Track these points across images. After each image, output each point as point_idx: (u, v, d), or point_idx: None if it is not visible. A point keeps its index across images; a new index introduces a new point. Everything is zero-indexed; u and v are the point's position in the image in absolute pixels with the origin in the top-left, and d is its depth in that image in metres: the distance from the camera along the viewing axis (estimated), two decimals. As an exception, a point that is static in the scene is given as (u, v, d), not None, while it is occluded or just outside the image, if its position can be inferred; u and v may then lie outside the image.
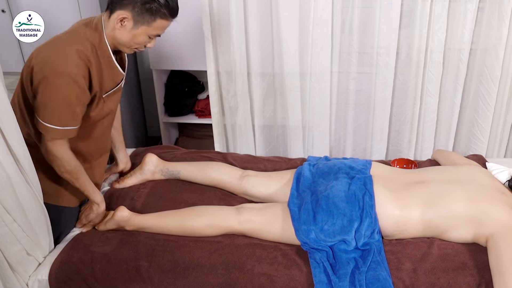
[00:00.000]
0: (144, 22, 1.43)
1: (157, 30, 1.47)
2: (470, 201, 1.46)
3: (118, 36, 1.47)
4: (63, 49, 1.40)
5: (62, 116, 1.41)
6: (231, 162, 2.01)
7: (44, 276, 1.48)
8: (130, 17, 1.42)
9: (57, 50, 1.40)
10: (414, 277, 1.39)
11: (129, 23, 1.44)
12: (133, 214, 1.61)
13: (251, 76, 2.27)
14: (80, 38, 1.45)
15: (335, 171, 1.67)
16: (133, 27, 1.44)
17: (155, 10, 1.42)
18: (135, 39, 1.47)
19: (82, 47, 1.42)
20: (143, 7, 1.41)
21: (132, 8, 1.41)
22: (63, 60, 1.38)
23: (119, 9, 1.43)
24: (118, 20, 1.43)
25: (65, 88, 1.39)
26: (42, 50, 1.43)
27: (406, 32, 2.13)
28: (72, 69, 1.38)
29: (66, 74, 1.37)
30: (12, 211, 1.35)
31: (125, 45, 1.50)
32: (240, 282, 1.41)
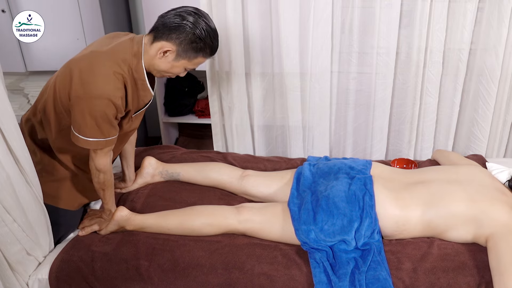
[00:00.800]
0: (185, 57, 1.46)
1: (194, 65, 1.51)
2: (470, 201, 1.46)
3: (157, 64, 1.48)
4: (102, 69, 1.40)
5: (103, 129, 1.43)
6: (231, 162, 2.01)
7: (44, 276, 1.48)
8: (174, 50, 1.44)
9: (96, 70, 1.39)
10: (414, 277, 1.39)
11: (171, 56, 1.46)
12: (133, 214, 1.61)
13: (251, 76, 2.27)
14: (119, 59, 1.44)
15: (335, 171, 1.67)
16: (174, 60, 1.47)
17: (200, 49, 1.44)
18: (172, 69, 1.50)
19: (120, 69, 1.43)
20: (189, 45, 1.43)
21: (178, 43, 1.43)
22: (102, 82, 1.39)
23: (164, 40, 1.43)
24: (161, 52, 1.44)
25: (104, 108, 1.40)
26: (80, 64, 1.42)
27: (406, 32, 2.13)
28: (111, 91, 1.40)
29: (105, 96, 1.38)
30: (12, 211, 1.35)
31: (160, 72, 1.52)
32: (240, 282, 1.41)
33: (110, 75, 1.40)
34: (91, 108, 1.39)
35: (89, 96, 1.38)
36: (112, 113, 1.43)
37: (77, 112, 1.40)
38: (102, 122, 1.42)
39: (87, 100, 1.38)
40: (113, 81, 1.40)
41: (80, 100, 1.39)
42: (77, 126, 1.43)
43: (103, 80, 1.39)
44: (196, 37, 1.42)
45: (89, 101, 1.38)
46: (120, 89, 1.42)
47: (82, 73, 1.39)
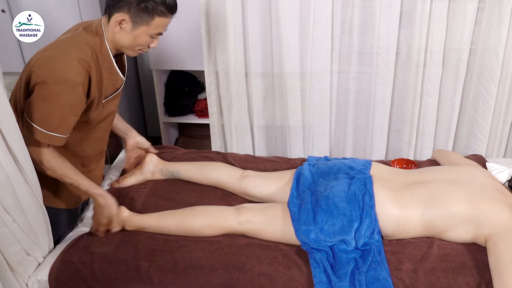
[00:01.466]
0: (142, 22, 1.41)
1: (157, 29, 1.44)
2: (469, 201, 1.46)
3: (119, 39, 1.45)
4: (63, 55, 1.38)
5: (53, 120, 1.38)
6: (231, 162, 2.01)
7: (44, 277, 1.48)
8: (128, 18, 1.40)
9: (57, 56, 1.37)
10: (414, 277, 1.39)
11: (128, 25, 1.41)
12: (133, 214, 1.61)
13: (251, 76, 2.27)
14: (80, 43, 1.42)
15: (335, 171, 1.67)
16: (132, 29, 1.42)
17: (152, 9, 1.39)
18: (136, 40, 1.44)
19: (82, 53, 1.39)
20: (138, 7, 1.38)
21: (128, 10, 1.39)
22: (63, 67, 1.36)
23: (116, 12, 1.40)
24: (116, 23, 1.41)
25: (61, 94, 1.36)
26: (42, 53, 1.41)
27: (406, 32, 2.13)
28: (71, 76, 1.36)
29: (64, 81, 1.35)
30: (11, 211, 1.35)
31: (128, 48, 1.48)
32: (240, 282, 1.41)
33: (73, 59, 1.36)
34: (49, 93, 1.34)
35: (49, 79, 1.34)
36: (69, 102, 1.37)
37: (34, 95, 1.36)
38: (56, 110, 1.36)
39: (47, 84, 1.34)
40: (75, 66, 1.36)
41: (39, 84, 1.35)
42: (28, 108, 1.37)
43: (65, 65, 1.35)
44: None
45: (49, 85, 1.34)
46: (81, 74, 1.38)
47: (44, 59, 1.36)
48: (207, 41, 2.20)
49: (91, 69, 1.42)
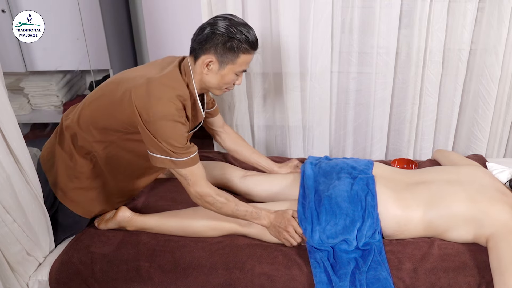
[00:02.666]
0: (228, 62, 1.45)
1: (242, 66, 1.48)
2: (470, 201, 1.46)
3: (207, 80, 1.48)
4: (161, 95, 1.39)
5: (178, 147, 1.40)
6: (231, 162, 2.01)
7: (44, 277, 1.48)
8: (215, 59, 1.44)
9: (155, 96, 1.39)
10: (414, 277, 1.39)
11: (215, 66, 1.45)
12: (134, 214, 1.61)
13: (251, 76, 2.27)
14: (177, 81, 1.45)
15: (338, 170, 1.67)
16: (219, 69, 1.46)
17: (237, 47, 1.43)
18: (223, 79, 1.48)
19: (180, 91, 1.43)
20: (224, 47, 1.42)
21: (215, 51, 1.43)
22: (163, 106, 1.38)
23: (203, 54, 1.44)
24: (204, 65, 1.45)
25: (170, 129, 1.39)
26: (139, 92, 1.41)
27: (405, 32, 2.13)
28: (174, 112, 1.39)
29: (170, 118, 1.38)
30: (12, 211, 1.35)
31: (216, 88, 1.51)
32: (241, 282, 1.41)
33: (166, 100, 1.39)
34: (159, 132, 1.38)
35: (153, 120, 1.38)
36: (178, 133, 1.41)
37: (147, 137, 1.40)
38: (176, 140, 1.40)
39: (156, 123, 1.38)
40: (172, 103, 1.39)
41: (144, 124, 1.39)
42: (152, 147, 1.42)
43: (161, 107, 1.38)
44: (227, 37, 1.41)
45: (154, 125, 1.38)
46: (181, 110, 1.42)
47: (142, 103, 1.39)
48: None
49: (186, 105, 1.46)
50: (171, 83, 1.43)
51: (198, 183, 1.45)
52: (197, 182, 1.45)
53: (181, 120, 1.42)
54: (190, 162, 1.43)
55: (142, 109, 1.39)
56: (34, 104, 2.81)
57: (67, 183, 1.57)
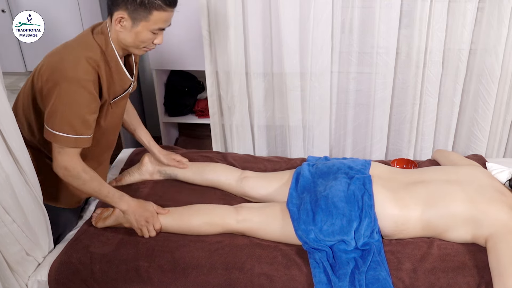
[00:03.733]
0: (141, 18, 1.39)
1: (157, 24, 1.41)
2: (469, 201, 1.46)
3: (122, 37, 1.44)
4: (71, 55, 1.38)
5: (73, 123, 1.38)
6: (231, 162, 2.01)
7: (43, 277, 1.48)
8: (127, 15, 1.39)
9: (66, 57, 1.38)
10: (414, 277, 1.39)
11: (128, 22, 1.40)
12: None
13: (251, 76, 2.27)
14: (88, 43, 1.42)
15: (334, 171, 1.67)
16: (132, 26, 1.40)
17: (148, 3, 1.37)
18: (138, 37, 1.43)
19: (90, 53, 1.40)
20: (135, 3, 1.36)
21: (125, 7, 1.38)
22: (72, 66, 1.36)
23: (115, 11, 1.40)
24: (116, 22, 1.41)
25: (74, 94, 1.36)
26: (51, 57, 1.42)
27: (405, 32, 2.13)
28: (81, 74, 1.36)
29: (75, 80, 1.35)
30: (11, 211, 1.35)
31: (133, 46, 1.46)
32: (240, 282, 1.41)
33: (81, 58, 1.36)
34: (62, 95, 1.35)
35: (59, 80, 1.34)
36: (84, 101, 1.37)
37: (50, 102, 1.37)
38: (74, 112, 1.37)
39: (58, 86, 1.35)
40: (84, 64, 1.36)
41: (51, 88, 1.36)
42: (47, 117, 1.38)
43: (73, 64, 1.35)
44: None
45: (61, 86, 1.35)
46: (90, 73, 1.38)
47: (53, 62, 1.38)
48: (208, 41, 2.20)
49: (99, 67, 1.42)
50: (82, 45, 1.40)
51: (70, 156, 1.41)
52: (70, 154, 1.41)
53: (89, 88, 1.37)
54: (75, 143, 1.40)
55: (51, 70, 1.36)
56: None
57: None
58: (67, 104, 1.36)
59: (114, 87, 1.52)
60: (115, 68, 1.48)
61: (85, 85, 1.37)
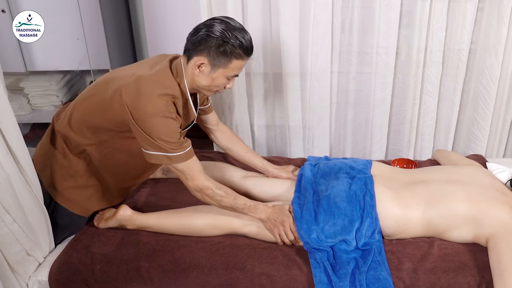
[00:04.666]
0: (220, 65, 1.44)
1: (234, 71, 1.47)
2: (470, 201, 1.46)
3: (198, 81, 1.48)
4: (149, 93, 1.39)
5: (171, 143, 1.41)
6: (231, 162, 2.01)
7: (44, 277, 1.48)
8: (207, 62, 1.43)
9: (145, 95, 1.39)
10: (414, 277, 1.39)
11: (207, 68, 1.44)
12: (135, 213, 1.61)
13: (251, 76, 2.27)
14: (167, 80, 1.45)
15: (336, 171, 1.67)
16: (210, 71, 1.45)
17: (230, 52, 1.42)
18: (214, 82, 1.48)
19: (170, 90, 1.43)
20: (217, 51, 1.41)
21: (207, 53, 1.42)
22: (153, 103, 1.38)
23: (195, 55, 1.44)
24: (196, 67, 1.44)
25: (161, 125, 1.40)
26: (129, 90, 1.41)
27: (406, 32, 2.13)
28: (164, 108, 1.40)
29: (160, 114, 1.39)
30: (12, 211, 1.35)
31: (205, 89, 1.51)
32: (241, 282, 1.41)
33: (156, 98, 1.39)
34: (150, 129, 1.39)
35: (143, 117, 1.38)
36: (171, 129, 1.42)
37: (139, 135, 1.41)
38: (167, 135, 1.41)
39: (143, 122, 1.39)
40: (161, 101, 1.39)
41: (135, 122, 1.40)
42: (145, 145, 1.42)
43: (151, 104, 1.38)
44: (221, 41, 1.40)
45: (145, 123, 1.39)
46: (171, 106, 1.42)
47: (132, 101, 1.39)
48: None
49: (176, 102, 1.45)
50: (161, 81, 1.43)
51: (197, 177, 1.47)
52: (195, 176, 1.46)
53: (171, 116, 1.42)
54: (185, 156, 1.44)
55: (132, 107, 1.39)
56: (34, 104, 2.81)
57: (62, 183, 1.57)
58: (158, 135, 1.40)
59: (184, 120, 1.56)
60: (184, 105, 1.53)
61: (169, 116, 1.41)
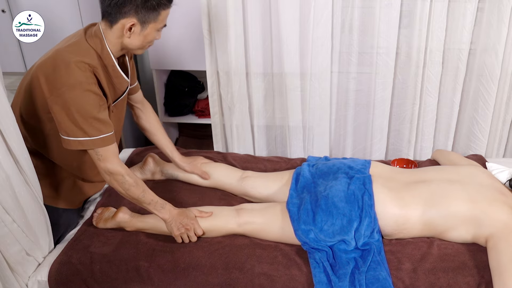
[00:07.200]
0: (150, 21, 1.42)
1: (163, 22, 1.46)
2: (470, 201, 1.46)
3: (129, 42, 1.45)
4: (67, 62, 1.36)
5: (91, 124, 1.38)
6: (231, 162, 2.01)
7: (43, 277, 1.48)
8: (136, 21, 1.40)
9: (61, 65, 1.36)
10: (414, 277, 1.39)
11: (137, 28, 1.41)
12: (134, 214, 1.61)
13: (251, 76, 2.27)
14: (82, 48, 1.42)
15: (334, 171, 1.67)
16: (142, 30, 1.42)
17: (157, 5, 1.39)
18: (146, 39, 1.46)
19: (86, 58, 1.39)
20: (145, 7, 1.38)
21: (135, 13, 1.38)
22: (70, 73, 1.35)
23: (122, 19, 1.39)
24: (126, 30, 1.41)
25: (80, 98, 1.35)
26: (44, 67, 1.39)
27: (406, 32, 2.13)
28: (82, 79, 1.35)
29: (77, 85, 1.34)
30: (11, 211, 1.35)
31: (139, 48, 1.48)
32: (240, 282, 1.41)
33: (73, 66, 1.35)
34: (69, 102, 1.34)
35: (60, 91, 1.34)
36: (92, 103, 1.37)
37: (58, 113, 1.36)
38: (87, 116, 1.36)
39: (61, 96, 1.34)
40: (79, 70, 1.35)
41: (54, 98, 1.35)
42: (63, 129, 1.38)
43: (68, 72, 1.35)
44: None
45: (63, 96, 1.34)
46: (90, 77, 1.38)
47: (48, 75, 1.36)
48: (209, 41, 2.20)
49: (97, 72, 1.42)
50: (76, 51, 1.39)
51: (110, 160, 1.43)
52: (109, 158, 1.42)
53: (92, 89, 1.37)
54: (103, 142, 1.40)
55: (49, 82, 1.35)
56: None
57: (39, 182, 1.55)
58: (77, 109, 1.35)
59: (114, 90, 1.52)
60: (112, 71, 1.48)
61: (88, 87, 1.36)
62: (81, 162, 1.60)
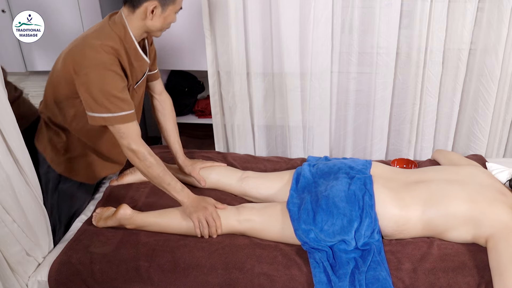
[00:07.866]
0: (170, 3, 1.51)
1: (180, 4, 1.55)
2: (470, 201, 1.46)
3: (151, 24, 1.53)
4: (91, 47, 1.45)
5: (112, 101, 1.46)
6: (231, 162, 2.01)
7: (43, 277, 1.48)
8: (158, 4, 1.49)
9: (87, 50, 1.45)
10: (414, 277, 1.39)
11: (158, 10, 1.50)
12: (135, 212, 1.61)
13: (251, 76, 2.27)
14: (107, 34, 1.50)
15: (335, 171, 1.67)
16: (162, 12, 1.51)
17: None
18: (166, 20, 1.54)
19: (110, 42, 1.47)
20: None
21: None
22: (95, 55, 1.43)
23: (145, 2, 1.48)
24: (149, 13, 1.49)
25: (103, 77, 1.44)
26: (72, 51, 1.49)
27: (406, 32, 2.13)
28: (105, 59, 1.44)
29: (101, 64, 1.43)
30: (11, 211, 1.35)
31: (158, 30, 1.56)
32: (240, 282, 1.41)
33: (98, 49, 1.44)
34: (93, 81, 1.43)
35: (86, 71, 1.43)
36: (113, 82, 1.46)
37: (82, 92, 1.46)
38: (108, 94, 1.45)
39: (86, 75, 1.43)
40: (103, 52, 1.44)
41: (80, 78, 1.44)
42: (88, 105, 1.47)
43: (93, 54, 1.44)
44: None
45: (87, 75, 1.43)
46: (113, 59, 1.46)
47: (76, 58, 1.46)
48: (210, 41, 2.21)
49: (120, 56, 1.49)
50: (101, 36, 1.48)
51: (132, 137, 1.51)
52: (131, 135, 1.50)
53: (115, 69, 1.46)
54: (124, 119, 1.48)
55: (76, 64, 1.44)
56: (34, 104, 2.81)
57: (60, 157, 1.63)
58: (100, 87, 1.44)
59: (136, 72, 1.60)
60: (134, 54, 1.56)
61: (110, 68, 1.45)
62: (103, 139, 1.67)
